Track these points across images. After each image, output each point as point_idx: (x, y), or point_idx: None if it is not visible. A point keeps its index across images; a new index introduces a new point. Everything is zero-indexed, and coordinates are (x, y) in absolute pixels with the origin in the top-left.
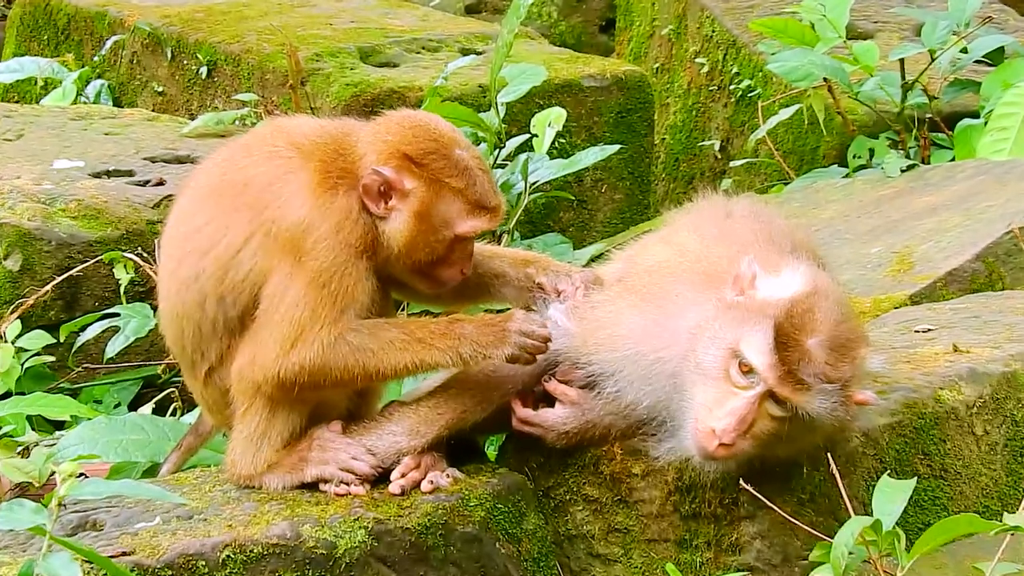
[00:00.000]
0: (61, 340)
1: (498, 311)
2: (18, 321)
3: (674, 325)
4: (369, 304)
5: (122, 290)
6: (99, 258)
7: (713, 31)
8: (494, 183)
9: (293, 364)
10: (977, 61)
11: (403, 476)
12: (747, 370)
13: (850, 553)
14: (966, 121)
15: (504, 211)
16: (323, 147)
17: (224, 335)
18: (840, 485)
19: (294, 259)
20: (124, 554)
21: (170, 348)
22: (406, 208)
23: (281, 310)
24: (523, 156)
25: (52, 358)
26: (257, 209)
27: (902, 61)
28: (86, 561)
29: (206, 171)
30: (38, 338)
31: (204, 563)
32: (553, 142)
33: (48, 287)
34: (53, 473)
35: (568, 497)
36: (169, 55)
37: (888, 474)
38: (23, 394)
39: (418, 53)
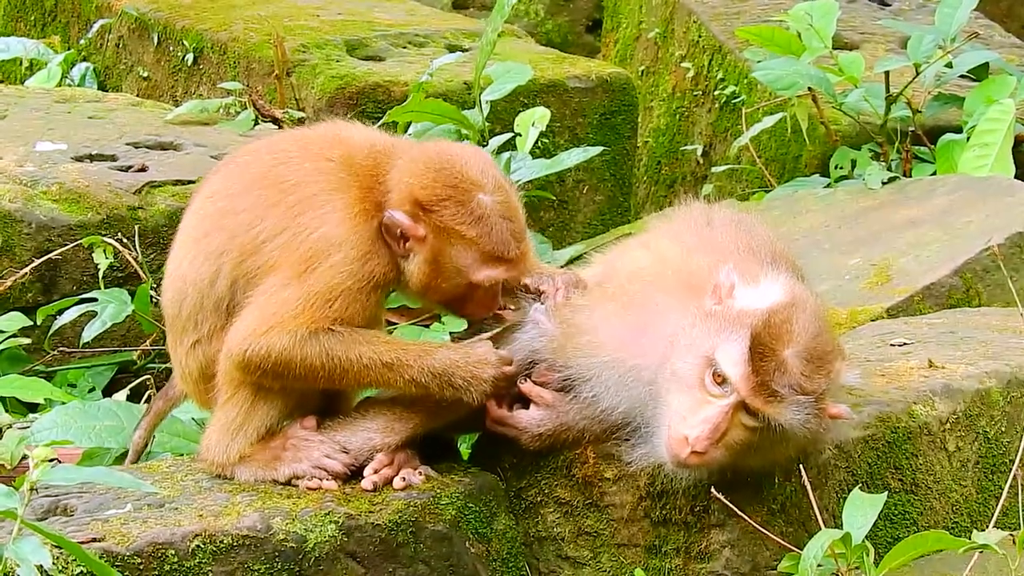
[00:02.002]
0: (38, 323)
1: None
2: None
3: (652, 332)
4: (367, 318)
5: (100, 275)
6: (79, 242)
7: (699, 36)
8: (520, 229)
9: (261, 347)
10: (962, 76)
11: (376, 472)
12: (721, 380)
13: (819, 565)
14: (948, 136)
15: (528, 257)
16: (367, 171)
17: (224, 314)
18: (811, 497)
19: (309, 266)
20: (94, 540)
21: (164, 307)
22: (421, 253)
23: (274, 299)
24: (506, 155)
25: (28, 340)
26: (295, 212)
27: (887, 74)
28: (55, 546)
29: (256, 155)
30: (15, 320)
31: (173, 552)
32: (536, 142)
33: (27, 269)
34: (25, 456)
35: (539, 499)
36: (155, 40)
37: (859, 487)
38: None
39: (404, 48)
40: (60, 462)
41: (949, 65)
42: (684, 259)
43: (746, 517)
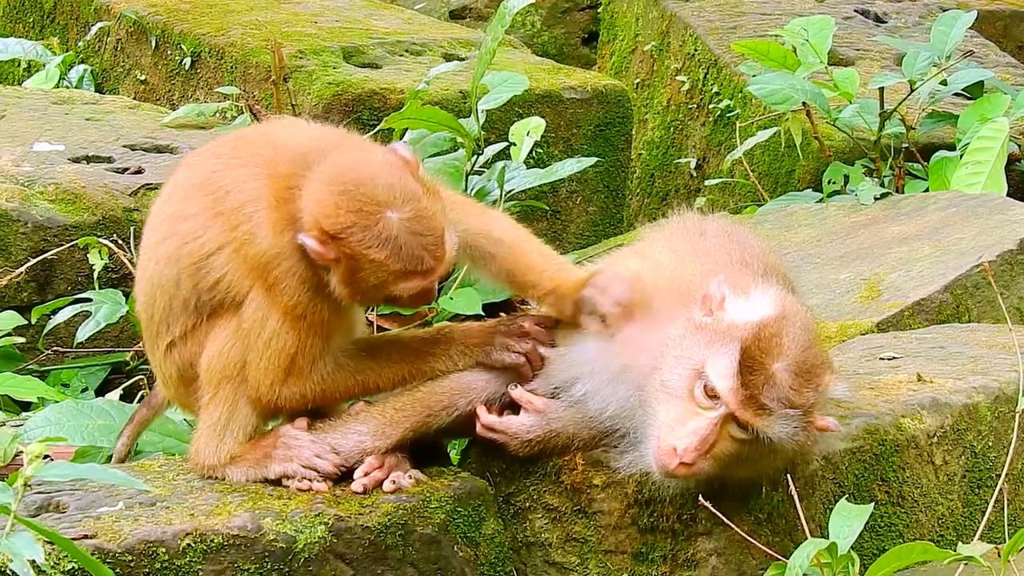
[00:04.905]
0: (32, 322)
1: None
2: None
3: (643, 336)
4: (352, 324)
5: (95, 275)
6: (74, 242)
7: (695, 50)
8: (434, 239)
9: (293, 393)
10: (956, 94)
11: (366, 475)
12: (711, 392)
13: (804, 574)
14: (941, 153)
15: (448, 261)
16: (284, 180)
17: (193, 314)
18: (798, 507)
19: (265, 287)
20: (86, 537)
21: (138, 313)
22: (336, 272)
23: (264, 338)
24: (500, 164)
25: (22, 340)
26: (232, 223)
27: (882, 90)
28: (48, 542)
29: (203, 158)
30: (9, 319)
31: (164, 550)
32: (530, 152)
33: (22, 269)
34: (18, 454)
35: (528, 504)
36: (153, 44)
37: (846, 498)
38: None
39: (401, 56)
40: (53, 460)
41: (944, 83)
42: (678, 267)
43: (733, 526)
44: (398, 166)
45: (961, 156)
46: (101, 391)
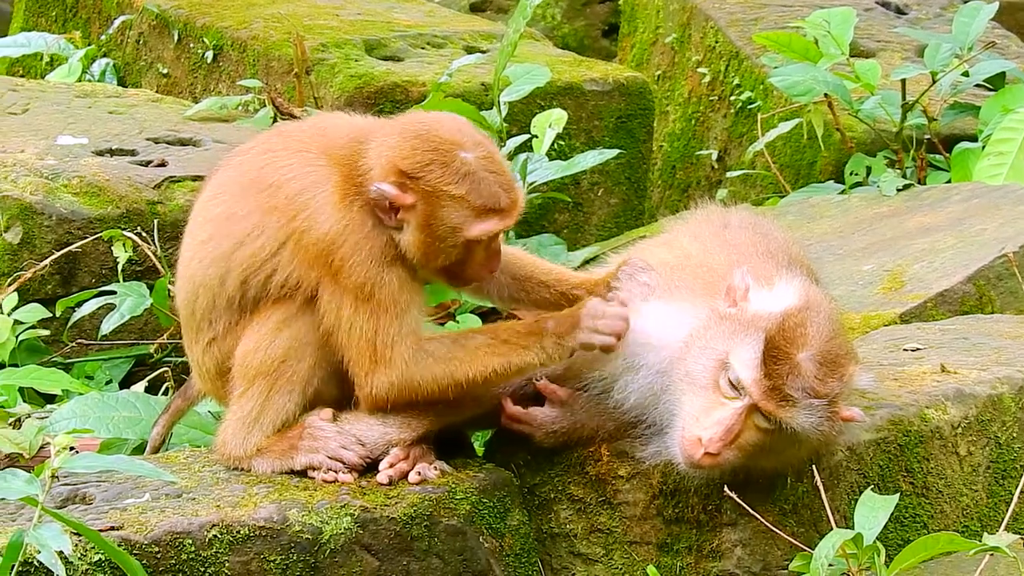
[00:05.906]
0: (56, 315)
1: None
2: (15, 293)
3: (668, 319)
4: (422, 303)
5: (119, 268)
6: (98, 235)
7: (716, 42)
8: (508, 180)
9: (382, 383)
10: (978, 85)
11: (391, 466)
12: (735, 382)
13: (830, 565)
14: (964, 144)
15: (521, 206)
16: (345, 157)
17: (236, 311)
18: (823, 497)
19: (331, 275)
20: (113, 528)
21: (178, 308)
22: (413, 220)
23: (345, 330)
24: (522, 156)
25: (47, 332)
26: (288, 215)
27: (903, 81)
28: (75, 533)
29: (249, 155)
30: (34, 311)
31: (191, 542)
32: (552, 144)
33: (47, 261)
34: (43, 445)
35: (553, 496)
36: (176, 38)
37: (871, 489)
38: (16, 366)
39: (423, 48)
40: (79, 452)
41: (966, 74)
42: (705, 258)
43: (758, 516)
44: (461, 119)
45: (983, 147)
46: (125, 383)
